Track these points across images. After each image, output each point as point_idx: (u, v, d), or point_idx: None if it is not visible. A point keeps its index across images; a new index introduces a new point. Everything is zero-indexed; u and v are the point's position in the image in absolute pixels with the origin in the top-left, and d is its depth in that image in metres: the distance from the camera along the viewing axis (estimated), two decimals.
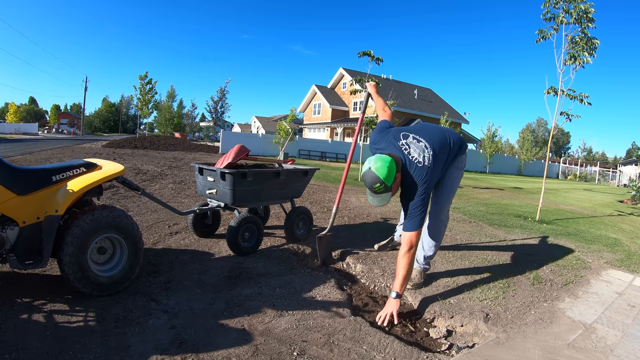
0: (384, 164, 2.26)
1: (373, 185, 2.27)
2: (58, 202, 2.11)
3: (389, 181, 2.25)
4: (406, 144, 2.46)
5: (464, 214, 5.93)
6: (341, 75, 33.59)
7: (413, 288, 2.74)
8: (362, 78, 10.06)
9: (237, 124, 60.71)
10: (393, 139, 2.52)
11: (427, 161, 2.38)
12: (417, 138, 2.50)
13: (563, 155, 57.50)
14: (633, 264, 3.80)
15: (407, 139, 2.49)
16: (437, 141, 2.51)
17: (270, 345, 1.88)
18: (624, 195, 14.47)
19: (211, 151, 18.87)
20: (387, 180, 2.25)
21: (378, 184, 2.25)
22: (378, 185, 2.25)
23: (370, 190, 2.32)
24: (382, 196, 2.31)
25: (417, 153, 2.41)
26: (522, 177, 26.90)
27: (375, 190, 2.28)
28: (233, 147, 3.41)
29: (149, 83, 27.79)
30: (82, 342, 1.77)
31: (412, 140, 2.48)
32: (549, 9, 5.79)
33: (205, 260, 3.02)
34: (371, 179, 2.26)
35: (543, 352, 1.97)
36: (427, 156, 2.40)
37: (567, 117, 6.00)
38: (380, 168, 2.25)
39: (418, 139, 2.49)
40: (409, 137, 2.50)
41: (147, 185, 6.23)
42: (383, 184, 2.25)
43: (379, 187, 2.26)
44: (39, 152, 12.15)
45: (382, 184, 2.25)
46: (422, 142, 2.47)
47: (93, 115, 71.72)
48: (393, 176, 2.27)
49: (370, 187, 2.29)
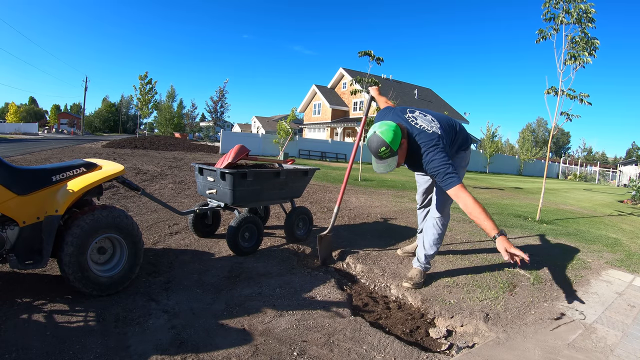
0: (389, 128, 2.22)
1: (378, 149, 2.20)
2: (58, 202, 2.11)
3: (394, 145, 2.20)
4: (413, 117, 2.44)
5: (464, 214, 5.92)
6: (341, 75, 33.59)
7: (413, 288, 2.74)
8: (362, 78, 10.08)
9: (237, 124, 60.72)
10: (400, 112, 2.50)
11: (436, 129, 2.35)
12: (424, 113, 2.50)
13: (563, 155, 57.49)
14: (633, 264, 3.80)
15: (413, 113, 2.49)
16: (443, 120, 2.51)
17: (270, 345, 1.88)
18: (624, 195, 14.47)
19: (211, 151, 18.87)
20: (393, 144, 2.19)
21: (384, 147, 2.19)
22: (384, 149, 2.19)
23: (375, 157, 2.26)
24: (388, 161, 2.25)
25: (425, 123, 2.39)
26: (522, 177, 26.90)
27: (380, 155, 2.22)
28: (233, 147, 3.41)
29: (149, 83, 27.83)
30: (82, 342, 1.77)
31: (419, 115, 2.47)
32: (549, 9, 5.79)
33: (205, 260, 3.02)
34: (376, 143, 2.20)
35: (543, 352, 1.97)
36: (436, 127, 2.37)
37: (567, 117, 6.00)
38: (385, 131, 2.20)
39: (424, 113, 2.50)
40: (416, 112, 2.50)
41: (147, 185, 6.23)
42: (389, 147, 2.19)
43: (385, 150, 2.20)
44: (39, 152, 12.15)
45: (388, 147, 2.19)
46: (428, 116, 2.48)
47: (93, 115, 71.71)
48: (399, 141, 2.21)
49: (375, 152, 2.23)
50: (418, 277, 2.78)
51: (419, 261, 2.84)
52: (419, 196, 3.25)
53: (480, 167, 28.82)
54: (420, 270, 2.82)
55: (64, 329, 1.88)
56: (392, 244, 3.80)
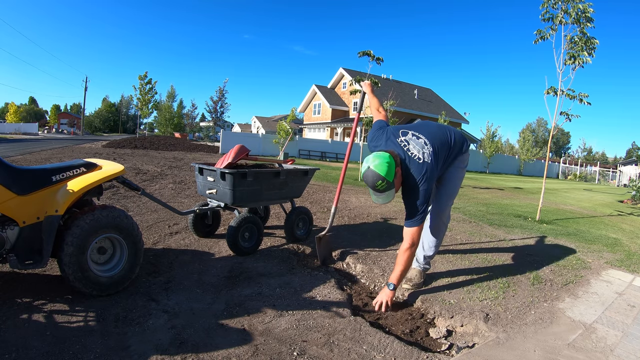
0: (383, 160, 2.24)
1: (375, 183, 2.24)
2: (58, 202, 2.11)
3: (390, 177, 2.23)
4: (405, 141, 2.46)
5: (464, 214, 5.93)
6: (341, 75, 33.59)
7: (413, 288, 2.74)
8: (362, 78, 10.06)
9: (237, 124, 60.71)
10: (392, 136, 2.51)
11: (426, 157, 2.38)
12: (417, 135, 2.49)
13: (563, 155, 57.48)
14: (633, 264, 3.80)
15: (406, 136, 2.49)
16: (437, 138, 2.51)
17: (270, 345, 1.88)
18: (624, 195, 14.47)
19: (211, 151, 18.86)
20: (389, 176, 2.22)
21: (380, 181, 2.22)
22: (380, 182, 2.23)
23: (373, 190, 2.29)
24: (386, 193, 2.29)
25: (416, 150, 2.40)
26: (522, 177, 26.90)
27: (378, 189, 2.26)
28: (233, 147, 3.41)
29: (149, 83, 27.83)
30: (82, 342, 1.77)
31: (412, 137, 2.47)
32: (547, 10, 5.79)
33: (205, 260, 3.02)
34: (372, 177, 2.23)
35: (543, 352, 1.97)
36: (427, 152, 2.39)
37: (567, 117, 6.01)
38: (379, 165, 2.23)
39: (417, 135, 2.49)
40: (408, 134, 2.50)
41: (147, 185, 6.23)
42: (385, 180, 2.22)
43: (382, 184, 2.23)
44: (39, 152, 12.15)
45: (384, 180, 2.22)
46: (421, 138, 2.47)
47: (93, 115, 71.67)
48: (393, 171, 2.25)
49: (372, 186, 2.26)
50: (417, 277, 2.78)
51: (418, 262, 2.84)
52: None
53: (480, 167, 28.82)
54: (419, 271, 2.82)
55: (64, 329, 1.88)
56: (392, 244, 3.80)
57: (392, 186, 2.27)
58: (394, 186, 2.29)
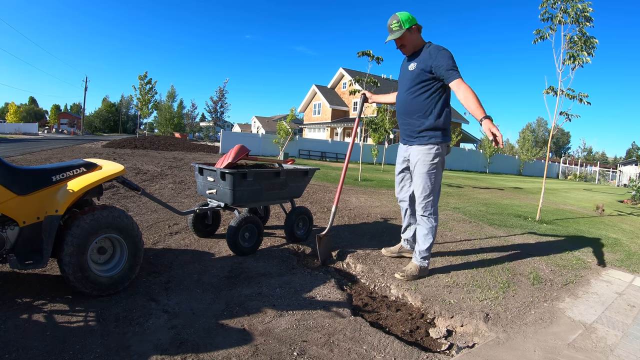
0: (407, 13, 2.71)
1: (392, 23, 2.71)
2: (58, 202, 2.11)
3: (405, 24, 2.69)
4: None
5: (464, 214, 5.92)
6: (341, 75, 33.60)
7: (404, 279, 2.81)
8: (362, 78, 10.07)
9: (237, 124, 60.73)
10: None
11: None
12: None
13: (563, 155, 57.50)
14: (633, 264, 3.80)
15: None
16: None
17: (270, 345, 1.88)
18: (624, 195, 14.47)
19: (211, 151, 18.86)
20: (404, 23, 2.69)
21: (395, 21, 2.70)
22: (395, 22, 2.70)
23: (389, 30, 2.75)
24: (394, 34, 2.73)
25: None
26: (522, 177, 26.90)
27: (392, 28, 2.72)
28: (233, 147, 3.41)
29: (149, 83, 27.82)
30: (82, 342, 1.77)
31: None
32: (546, 9, 5.78)
33: (205, 260, 3.02)
34: (392, 18, 2.73)
35: (543, 352, 1.97)
36: None
37: (567, 117, 6.00)
38: (403, 13, 2.70)
39: None
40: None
41: (147, 185, 6.23)
42: (400, 23, 2.68)
43: (396, 24, 2.70)
44: (39, 152, 12.15)
45: (399, 22, 2.68)
46: None
47: (93, 115, 71.69)
48: (410, 24, 2.70)
49: (389, 25, 2.74)
50: (411, 270, 2.84)
51: (415, 256, 2.90)
52: (397, 186, 3.23)
53: (480, 167, 28.83)
54: (416, 266, 2.86)
55: (64, 329, 1.88)
56: (392, 244, 3.78)
57: (402, 32, 2.70)
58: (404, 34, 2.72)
